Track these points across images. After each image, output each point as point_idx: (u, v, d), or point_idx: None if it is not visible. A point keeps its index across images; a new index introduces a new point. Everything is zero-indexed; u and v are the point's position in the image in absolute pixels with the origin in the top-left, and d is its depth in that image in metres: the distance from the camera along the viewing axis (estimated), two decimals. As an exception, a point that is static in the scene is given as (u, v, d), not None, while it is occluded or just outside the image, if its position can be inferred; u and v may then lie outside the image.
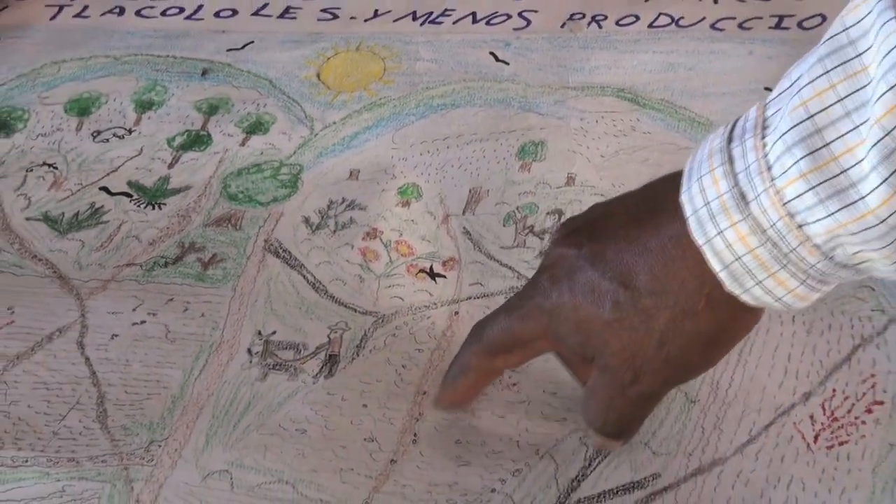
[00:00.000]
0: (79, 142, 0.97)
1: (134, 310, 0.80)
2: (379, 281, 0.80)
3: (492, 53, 1.02)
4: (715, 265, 0.55)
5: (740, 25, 1.01)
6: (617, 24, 1.03)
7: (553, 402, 0.71)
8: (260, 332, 0.78)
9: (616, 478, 0.67)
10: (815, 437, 0.68)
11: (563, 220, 0.76)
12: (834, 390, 0.70)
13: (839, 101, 0.50)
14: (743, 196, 0.54)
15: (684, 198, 0.56)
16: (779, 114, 0.53)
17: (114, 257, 0.85)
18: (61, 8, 1.15)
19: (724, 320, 0.59)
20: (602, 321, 0.60)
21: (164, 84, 1.02)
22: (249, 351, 0.77)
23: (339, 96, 0.99)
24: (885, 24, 0.48)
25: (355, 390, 0.73)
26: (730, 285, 0.56)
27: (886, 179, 0.48)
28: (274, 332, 0.78)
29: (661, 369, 0.60)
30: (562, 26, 1.04)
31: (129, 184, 0.92)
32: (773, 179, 0.52)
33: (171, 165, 0.93)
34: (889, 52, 0.47)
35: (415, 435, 0.70)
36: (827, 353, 0.72)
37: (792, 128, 0.51)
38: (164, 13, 1.13)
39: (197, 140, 0.96)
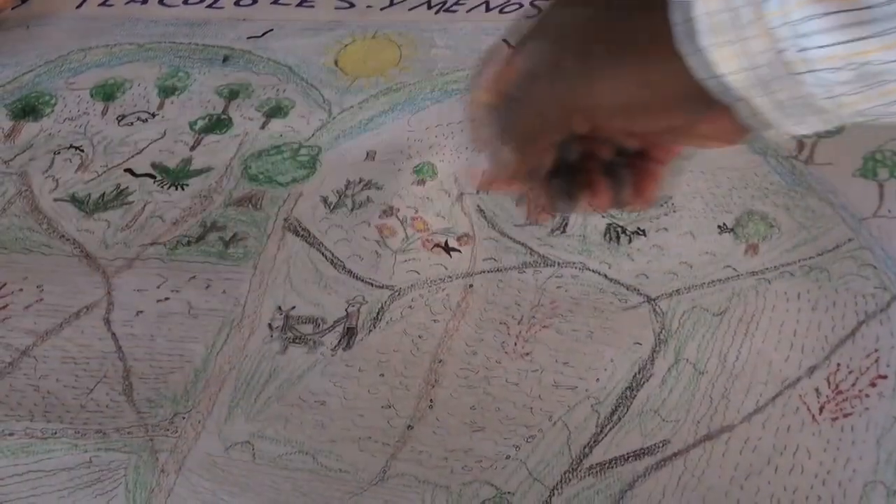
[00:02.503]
0: (104, 125, 0.98)
1: (158, 287, 0.82)
2: (395, 256, 0.82)
3: (505, 40, 1.03)
4: (677, 17, 0.52)
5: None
6: (627, 12, 1.04)
7: (565, 371, 0.73)
8: (280, 308, 0.80)
9: (627, 444, 0.68)
10: (821, 409, 0.69)
11: None
12: (838, 364, 0.71)
13: None
14: None
15: None
16: None
17: (139, 237, 0.87)
18: (86, -3, 1.17)
19: (664, 76, 0.55)
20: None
21: (186, 70, 1.04)
22: (270, 325, 0.78)
23: (357, 82, 1.00)
24: None
25: (372, 361, 0.75)
26: (682, 43, 0.52)
27: None
28: (293, 307, 0.79)
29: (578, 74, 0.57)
30: (573, 14, 1.05)
31: (153, 165, 0.94)
32: None
33: (193, 148, 0.95)
34: None
35: (431, 400, 0.72)
36: (832, 329, 0.73)
37: None
38: (186, 2, 1.14)
39: (218, 123, 0.97)
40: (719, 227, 0.80)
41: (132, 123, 0.98)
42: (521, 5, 1.07)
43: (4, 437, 0.72)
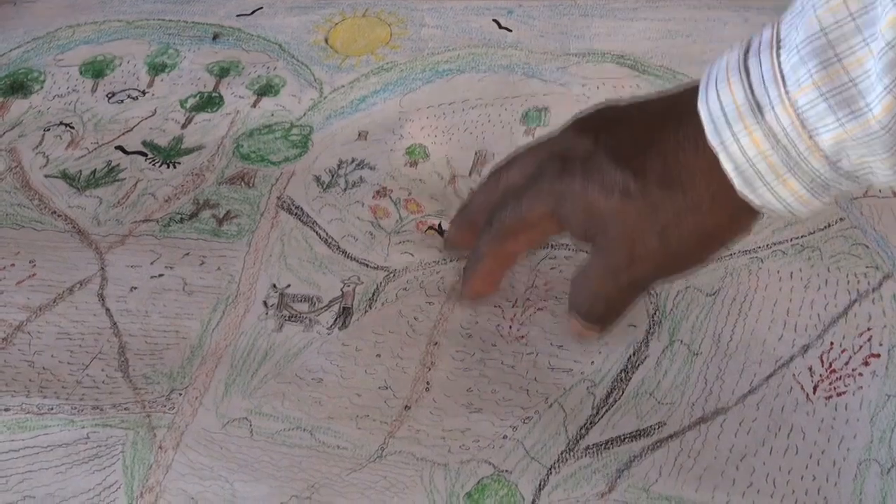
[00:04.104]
0: (94, 102, 0.98)
1: (152, 263, 0.82)
2: (389, 237, 0.82)
3: (495, 21, 1.03)
4: (728, 168, 0.58)
5: (736, -7, 1.02)
6: (616, -8, 1.05)
7: (560, 354, 0.73)
8: (275, 286, 0.80)
9: (623, 426, 0.69)
10: (814, 388, 0.70)
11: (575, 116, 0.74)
12: (832, 343, 0.72)
13: (851, 17, 0.52)
14: (758, 104, 0.56)
15: (701, 104, 0.60)
16: (793, 31, 0.55)
17: (131, 213, 0.86)
18: (73, -27, 1.16)
19: (725, 220, 0.62)
20: (609, 207, 0.63)
21: (176, 47, 1.04)
22: (265, 303, 0.78)
23: (347, 60, 1.00)
24: None
25: (369, 341, 0.75)
26: (740, 187, 0.59)
27: (888, 87, 0.51)
28: (288, 286, 0.79)
29: (657, 258, 0.64)
30: (563, -6, 1.05)
31: (144, 143, 0.93)
32: (786, 88, 0.55)
33: (184, 126, 0.95)
34: None
35: (427, 383, 0.72)
36: (824, 308, 0.74)
37: (805, 40, 0.54)
38: (173, -22, 1.14)
39: (209, 101, 0.97)
40: (711, 207, 0.81)
41: (122, 101, 0.98)
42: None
43: (0, 413, 0.72)
